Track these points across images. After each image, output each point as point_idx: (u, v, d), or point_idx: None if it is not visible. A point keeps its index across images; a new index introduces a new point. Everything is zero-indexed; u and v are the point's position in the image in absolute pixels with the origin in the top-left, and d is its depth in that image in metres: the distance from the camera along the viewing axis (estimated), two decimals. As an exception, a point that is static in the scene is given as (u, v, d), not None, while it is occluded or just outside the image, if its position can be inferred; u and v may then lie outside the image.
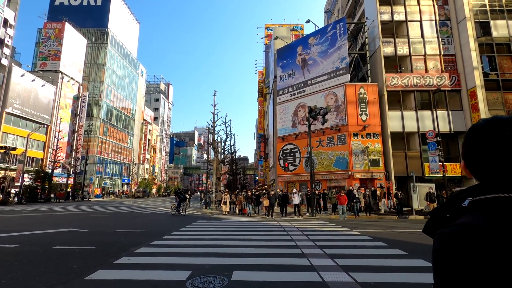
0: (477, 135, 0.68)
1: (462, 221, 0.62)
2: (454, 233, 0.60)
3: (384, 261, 5.73)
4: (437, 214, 0.74)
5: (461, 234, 0.59)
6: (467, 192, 0.70)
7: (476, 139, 0.68)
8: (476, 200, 0.66)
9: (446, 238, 0.61)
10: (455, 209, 0.70)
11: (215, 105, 29.40)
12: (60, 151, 37.61)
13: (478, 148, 0.66)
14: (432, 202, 15.13)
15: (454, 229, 0.61)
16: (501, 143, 0.63)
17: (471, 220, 0.61)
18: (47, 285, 4.25)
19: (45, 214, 16.39)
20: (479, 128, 0.68)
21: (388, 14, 23.66)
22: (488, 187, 0.65)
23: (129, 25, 66.48)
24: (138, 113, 65.57)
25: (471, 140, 0.69)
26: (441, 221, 0.71)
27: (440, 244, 0.61)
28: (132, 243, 7.51)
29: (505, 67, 21.61)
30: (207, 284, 4.25)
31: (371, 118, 21.86)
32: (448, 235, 0.61)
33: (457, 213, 0.68)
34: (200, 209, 22.71)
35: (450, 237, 0.60)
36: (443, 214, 0.72)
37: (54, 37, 44.25)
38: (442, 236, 0.62)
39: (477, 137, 0.67)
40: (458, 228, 0.60)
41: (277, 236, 8.86)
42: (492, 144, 0.64)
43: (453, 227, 0.61)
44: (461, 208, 0.68)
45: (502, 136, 0.63)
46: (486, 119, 0.70)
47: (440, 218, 0.72)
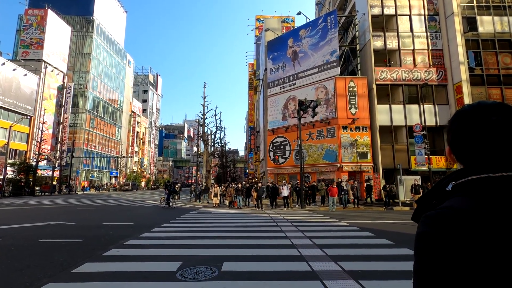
0: (463, 120, 0.69)
1: (445, 204, 0.64)
2: (438, 215, 0.61)
3: (371, 250, 5.88)
4: (424, 201, 0.75)
5: (444, 216, 0.60)
6: (450, 177, 0.72)
7: (462, 124, 0.69)
8: (459, 183, 0.67)
9: (430, 221, 0.62)
10: (440, 195, 0.71)
11: (205, 97, 29.09)
12: (44, 143, 36.55)
13: (465, 133, 0.68)
14: (417, 193, 15.52)
15: (438, 212, 0.62)
16: (487, 127, 0.64)
17: (454, 203, 0.63)
18: (32, 278, 4.16)
19: (29, 208, 16.00)
20: (465, 113, 0.69)
21: (378, 7, 23.75)
22: (470, 170, 0.67)
23: (116, 14, 64.41)
24: (126, 105, 64.21)
25: (457, 125, 0.70)
26: (429, 208, 0.71)
27: (424, 226, 0.62)
28: (121, 235, 7.43)
29: (489, 63, 22.15)
30: (197, 275, 4.26)
31: (360, 111, 22.11)
32: (432, 217, 0.62)
33: (442, 198, 0.70)
34: (190, 201, 22.64)
35: (434, 219, 0.61)
36: (430, 200, 0.73)
37: (36, 25, 42.46)
38: (426, 219, 0.63)
39: (463, 122, 0.68)
40: (442, 211, 0.62)
41: (267, 228, 8.94)
42: (478, 128, 0.65)
43: (437, 210, 0.63)
44: (446, 193, 0.69)
45: (488, 120, 0.64)
46: (471, 104, 0.71)
47: (427, 205, 0.73)
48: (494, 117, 0.64)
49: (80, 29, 52.87)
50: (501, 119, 0.64)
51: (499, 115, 0.65)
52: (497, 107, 0.66)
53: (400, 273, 4.33)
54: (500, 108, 0.66)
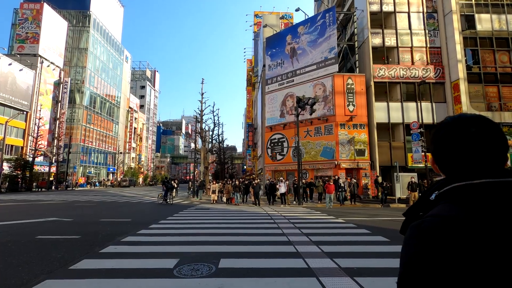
0: (444, 131, 0.72)
1: (430, 213, 0.66)
2: (424, 223, 0.63)
3: (367, 247, 5.94)
4: (411, 213, 0.77)
5: (428, 224, 0.62)
6: (434, 186, 0.74)
7: (443, 136, 0.72)
8: (441, 192, 0.70)
9: (416, 228, 0.64)
10: (426, 205, 0.73)
11: (203, 94, 29.01)
12: (41, 138, 36.33)
13: (446, 144, 0.71)
14: (414, 191, 15.64)
15: (424, 220, 0.64)
16: (467, 138, 0.68)
17: (437, 210, 0.65)
18: (30, 275, 4.17)
19: (26, 204, 15.95)
20: (446, 125, 0.73)
21: (377, 4, 23.68)
22: (452, 179, 0.70)
23: (113, 8, 63.71)
24: (123, 101, 63.81)
25: (439, 137, 0.74)
26: (415, 220, 0.73)
27: (410, 235, 0.64)
28: (118, 232, 7.44)
29: (487, 61, 22.22)
30: (194, 271, 4.29)
31: (358, 108, 22.15)
32: (417, 227, 0.64)
33: (428, 209, 0.71)
34: (187, 198, 22.66)
35: (419, 228, 0.63)
36: (416, 212, 0.75)
37: (32, 19, 41.92)
38: (413, 228, 0.65)
39: (445, 134, 0.72)
40: (426, 219, 0.64)
41: (264, 224, 8.98)
42: (458, 139, 0.69)
43: (424, 219, 0.65)
44: (430, 203, 0.72)
45: (468, 132, 0.68)
46: (452, 116, 0.74)
47: (414, 217, 0.75)
48: (473, 129, 0.68)
49: (76, 23, 52.28)
50: (479, 131, 0.68)
51: (478, 127, 0.68)
52: (476, 119, 0.70)
53: (395, 270, 4.36)
54: (479, 120, 0.70)
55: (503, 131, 0.70)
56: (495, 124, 0.70)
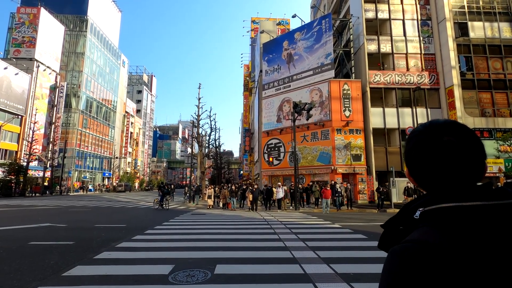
0: (415, 141, 0.66)
1: (413, 237, 0.59)
2: (405, 250, 0.57)
3: (363, 253, 5.93)
4: (390, 226, 0.70)
5: (412, 252, 0.55)
6: (417, 202, 0.66)
7: (415, 145, 0.65)
8: (426, 211, 0.62)
9: (397, 257, 0.57)
10: (407, 221, 0.66)
11: (200, 98, 29.04)
12: (36, 143, 35.96)
13: (418, 155, 0.64)
14: (410, 196, 15.67)
15: (405, 246, 0.58)
16: (439, 149, 0.61)
17: (422, 236, 0.58)
18: (21, 282, 4.09)
19: (19, 209, 15.72)
20: (418, 134, 0.66)
21: (372, 11, 24.04)
22: (437, 196, 0.63)
23: (110, 13, 63.88)
24: (119, 105, 63.61)
25: (412, 147, 0.66)
26: (395, 234, 0.68)
27: (391, 263, 0.58)
28: (113, 238, 7.35)
29: (480, 67, 22.57)
30: (190, 278, 4.24)
31: (354, 114, 22.30)
32: (399, 253, 0.57)
33: (410, 225, 0.65)
34: (183, 203, 22.51)
35: (401, 256, 0.57)
36: (396, 226, 0.69)
37: (28, 23, 41.86)
38: (393, 255, 0.58)
39: (416, 143, 0.65)
40: (409, 246, 0.57)
41: (261, 230, 8.94)
42: (430, 150, 0.62)
43: (404, 244, 0.58)
44: (413, 220, 0.64)
45: (440, 141, 0.61)
46: (424, 123, 0.67)
47: (393, 231, 0.69)
48: (446, 138, 0.61)
49: (73, 28, 52.28)
50: (453, 140, 0.61)
51: (452, 135, 0.62)
52: (449, 126, 0.63)
53: (391, 276, 4.37)
54: (453, 127, 0.63)
55: (478, 138, 0.63)
56: (470, 131, 0.63)
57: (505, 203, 0.57)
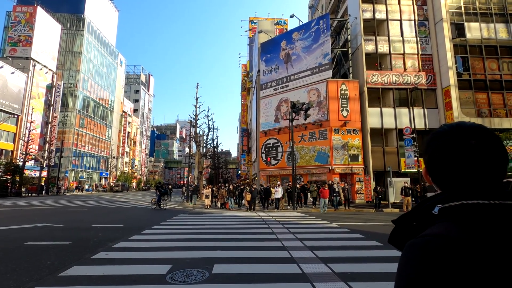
0: (441, 142, 0.66)
1: (435, 231, 0.59)
2: (427, 244, 0.56)
3: (361, 252, 5.95)
4: (403, 222, 0.70)
5: (436, 245, 0.55)
6: (435, 199, 0.67)
7: (440, 146, 0.65)
8: (446, 207, 0.63)
9: (418, 250, 0.56)
10: (422, 217, 0.67)
11: (198, 98, 28.98)
12: (32, 142, 35.70)
13: (442, 156, 0.65)
14: (407, 196, 15.74)
15: (427, 240, 0.57)
16: (466, 152, 0.62)
17: (444, 230, 0.58)
18: (17, 282, 4.06)
19: (15, 209, 15.60)
20: (443, 135, 0.66)
21: (370, 12, 24.11)
22: (457, 194, 0.63)
23: (107, 12, 63.54)
24: (117, 105, 63.28)
25: (435, 147, 0.66)
26: (408, 230, 0.68)
27: (411, 256, 0.57)
28: (110, 238, 7.32)
29: (476, 68, 22.73)
30: (187, 277, 4.23)
31: (351, 114, 22.36)
32: (421, 247, 0.57)
33: (425, 221, 0.65)
34: (181, 203, 22.46)
35: (424, 249, 0.56)
36: (409, 222, 0.69)
37: (24, 22, 41.53)
38: (414, 248, 0.58)
39: (441, 144, 0.65)
40: (431, 239, 0.57)
41: (258, 229, 8.94)
42: (456, 152, 0.63)
43: (426, 238, 0.58)
44: (430, 216, 0.65)
45: (467, 145, 0.62)
46: (449, 125, 0.68)
47: (406, 227, 0.69)
48: (473, 141, 0.62)
49: (70, 27, 51.92)
50: (480, 144, 0.62)
51: (479, 139, 0.62)
52: (476, 130, 0.64)
53: (389, 275, 4.39)
54: (480, 131, 0.64)
55: (502, 143, 0.64)
56: (496, 136, 0.64)
57: None
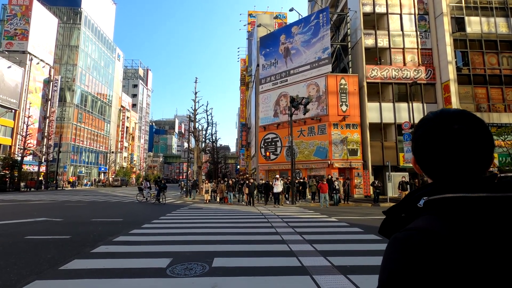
0: (425, 128, 0.65)
1: (417, 225, 0.59)
2: (409, 238, 0.56)
3: (359, 246, 5.99)
4: (392, 213, 0.70)
5: (416, 240, 0.55)
6: (422, 190, 0.67)
7: (424, 133, 0.65)
8: (431, 200, 0.62)
9: (400, 244, 0.57)
10: (410, 209, 0.67)
11: (196, 93, 28.84)
12: (30, 137, 35.52)
13: (426, 142, 0.64)
14: (404, 190, 15.79)
15: (409, 234, 0.57)
16: (449, 137, 0.61)
17: (427, 224, 0.58)
18: (18, 276, 4.07)
19: (14, 204, 15.60)
20: (428, 121, 0.66)
21: (370, 5, 23.91)
22: (442, 185, 0.63)
23: (105, 6, 62.72)
24: (115, 99, 62.94)
25: (420, 134, 0.66)
26: (397, 221, 0.69)
27: (393, 250, 0.57)
28: (110, 232, 7.34)
29: (476, 63, 22.67)
30: (188, 271, 4.25)
31: (351, 109, 22.33)
32: (402, 241, 0.57)
33: (413, 213, 0.65)
34: (180, 197, 22.51)
35: (404, 243, 0.56)
36: (398, 213, 0.69)
37: (20, 15, 40.99)
38: (396, 241, 0.58)
39: (425, 131, 0.65)
40: (413, 233, 0.57)
41: (258, 224, 8.98)
42: (440, 137, 0.62)
43: (408, 232, 0.58)
44: (417, 208, 0.65)
45: (450, 129, 0.62)
46: (434, 112, 0.67)
47: (395, 218, 0.69)
48: (456, 125, 0.62)
49: (67, 20, 51.30)
50: (463, 128, 0.61)
51: (462, 123, 0.62)
52: (459, 115, 0.64)
53: (387, 268, 4.43)
54: (463, 116, 0.63)
55: (488, 128, 0.63)
56: (480, 120, 0.63)
57: (510, 195, 0.57)
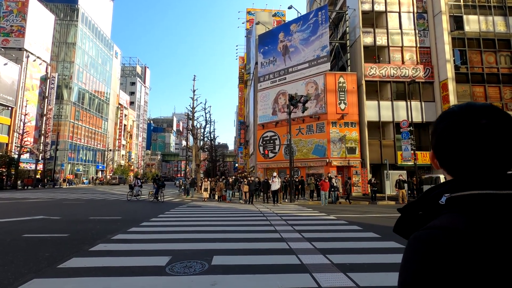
0: (450, 122, 0.62)
1: (441, 223, 0.55)
2: (433, 237, 0.53)
3: (359, 244, 6.00)
4: (409, 211, 0.67)
5: (441, 239, 0.52)
6: (442, 187, 0.63)
7: (449, 127, 0.62)
8: (454, 197, 0.59)
9: (423, 244, 0.53)
10: (429, 206, 0.64)
11: (195, 90, 28.74)
12: (27, 135, 35.30)
13: (451, 137, 0.61)
14: (401, 188, 15.81)
15: (433, 233, 0.54)
16: (476, 132, 0.58)
17: (451, 222, 0.54)
18: (16, 274, 4.04)
19: (12, 202, 15.51)
20: (452, 115, 0.62)
21: (369, 3, 23.89)
22: (465, 182, 0.59)
23: (102, 2, 62.23)
24: (112, 97, 62.64)
25: (443, 128, 0.63)
26: (414, 219, 0.66)
27: (415, 250, 0.54)
28: (108, 230, 7.31)
29: (474, 61, 22.74)
30: (187, 269, 4.24)
31: (349, 107, 22.35)
32: (426, 240, 0.53)
33: (432, 211, 0.62)
34: (178, 196, 22.49)
35: (428, 242, 0.53)
36: (415, 211, 0.66)
37: (17, 12, 40.59)
38: (418, 241, 0.54)
39: (450, 125, 0.61)
40: (437, 232, 0.53)
41: (257, 222, 8.98)
42: (466, 132, 0.59)
43: (431, 230, 0.54)
44: (437, 206, 0.62)
45: (477, 124, 0.58)
46: (459, 105, 0.64)
47: (412, 216, 0.66)
48: (484, 120, 0.58)
49: (64, 17, 50.88)
50: (491, 123, 0.58)
51: (490, 118, 0.58)
52: (487, 109, 0.60)
53: (387, 265, 4.45)
54: (490, 110, 0.60)
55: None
56: (508, 116, 0.60)
57: None
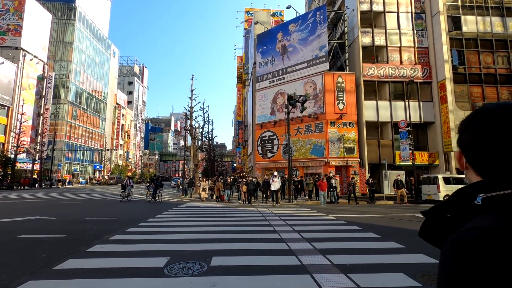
0: (487, 121, 0.57)
1: (481, 224, 0.52)
2: (479, 238, 0.49)
3: (358, 244, 5.97)
4: (435, 214, 0.64)
5: (487, 240, 0.48)
6: (474, 188, 0.59)
7: (486, 125, 0.57)
8: (490, 197, 0.55)
9: (466, 247, 0.49)
10: (460, 208, 0.60)
11: (193, 90, 28.64)
12: (23, 135, 35.05)
13: (489, 136, 0.56)
14: (399, 188, 15.84)
15: (479, 234, 0.50)
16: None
17: (492, 222, 0.51)
18: (11, 276, 3.97)
19: (8, 202, 15.36)
20: (491, 112, 0.58)
21: (367, 4, 23.92)
22: (502, 181, 0.56)
23: (99, 1, 61.92)
24: (110, 97, 62.34)
25: (479, 127, 0.58)
26: (441, 223, 0.62)
27: (457, 254, 0.50)
28: (106, 230, 7.24)
29: (472, 62, 22.82)
30: (186, 270, 4.19)
31: (347, 107, 22.36)
32: (469, 243, 0.49)
33: (464, 213, 0.58)
34: (176, 196, 22.40)
35: (472, 245, 0.49)
36: (443, 214, 0.62)
37: (13, 10, 40.26)
38: (460, 244, 0.50)
39: (487, 123, 0.57)
40: (484, 233, 0.49)
41: (256, 222, 8.94)
42: (506, 131, 0.55)
43: (475, 231, 0.51)
44: (470, 207, 0.58)
45: None
46: (494, 103, 0.60)
47: (438, 220, 0.63)
48: None
49: (61, 16, 50.56)
50: None
51: None
52: None
53: (387, 265, 4.42)
54: None
55: None
56: None
57: None
